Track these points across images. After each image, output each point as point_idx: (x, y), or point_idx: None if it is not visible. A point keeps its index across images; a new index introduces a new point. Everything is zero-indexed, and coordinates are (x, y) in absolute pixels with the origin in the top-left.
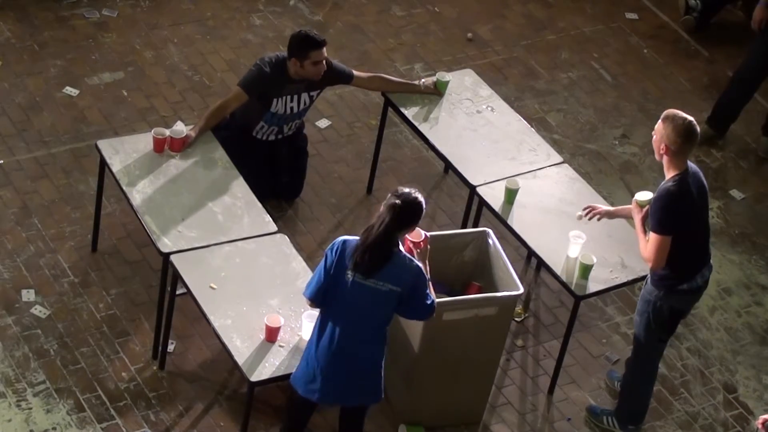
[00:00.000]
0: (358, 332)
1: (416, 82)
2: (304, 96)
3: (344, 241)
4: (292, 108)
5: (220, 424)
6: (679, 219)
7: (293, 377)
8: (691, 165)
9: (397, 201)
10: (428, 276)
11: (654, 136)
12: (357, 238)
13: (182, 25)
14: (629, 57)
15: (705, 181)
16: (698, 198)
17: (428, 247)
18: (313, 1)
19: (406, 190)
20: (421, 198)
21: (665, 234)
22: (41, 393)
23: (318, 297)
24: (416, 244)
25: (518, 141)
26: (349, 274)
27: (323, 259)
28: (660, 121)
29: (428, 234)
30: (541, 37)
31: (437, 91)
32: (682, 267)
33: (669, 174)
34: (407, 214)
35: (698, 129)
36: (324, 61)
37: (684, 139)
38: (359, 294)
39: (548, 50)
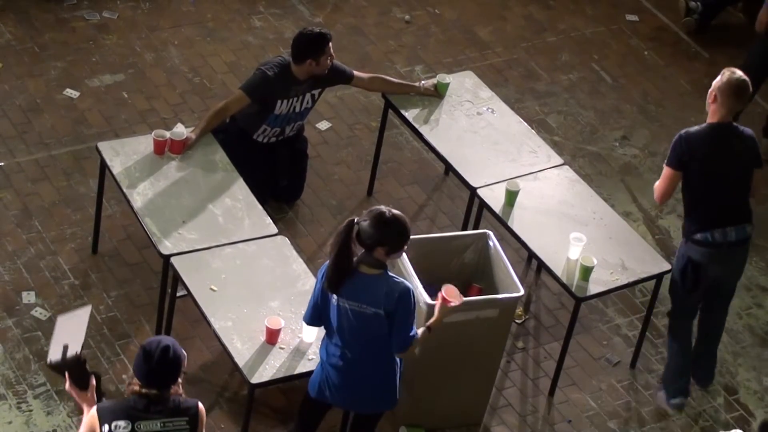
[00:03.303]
0: (363, 349)
1: (416, 84)
2: (308, 96)
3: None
4: (295, 108)
5: (220, 426)
6: (682, 157)
7: (309, 381)
8: (740, 127)
9: (354, 218)
10: (430, 325)
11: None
12: None
13: (182, 27)
14: (629, 59)
15: (750, 146)
16: (716, 150)
17: (453, 306)
18: (313, 3)
19: (376, 210)
20: (384, 217)
21: (669, 167)
22: (42, 395)
23: (314, 321)
24: (445, 300)
25: (519, 143)
26: (334, 298)
27: (315, 283)
28: (721, 73)
29: (463, 299)
30: (541, 39)
31: (437, 93)
32: (696, 216)
33: (707, 120)
34: (370, 234)
35: (746, 91)
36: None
37: (727, 93)
38: (347, 317)
39: (548, 52)
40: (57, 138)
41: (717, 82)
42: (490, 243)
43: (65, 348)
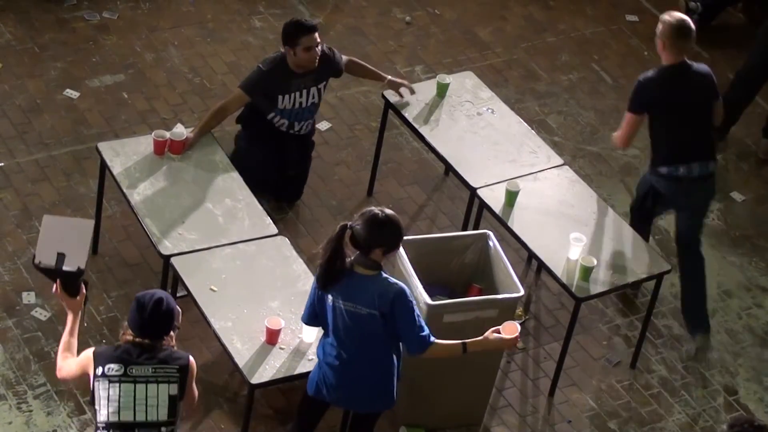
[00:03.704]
0: (359, 349)
1: (385, 75)
2: (313, 90)
3: None
4: (300, 103)
5: (220, 426)
6: (643, 100)
7: (307, 380)
8: (695, 63)
9: (348, 223)
10: (467, 346)
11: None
12: None
13: (182, 28)
14: (629, 59)
15: (706, 81)
16: (674, 89)
17: (509, 341)
18: (313, 4)
19: (368, 212)
20: (377, 218)
21: (632, 111)
22: (42, 395)
23: (311, 320)
24: (497, 331)
25: (519, 143)
26: (329, 298)
27: (313, 283)
28: (659, 21)
29: (517, 336)
30: (541, 39)
31: (399, 93)
32: (661, 152)
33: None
34: (363, 237)
35: (689, 28)
36: (317, 47)
37: (671, 35)
38: (343, 317)
39: (548, 52)
40: (57, 138)
41: (658, 30)
42: (490, 243)
43: (61, 255)
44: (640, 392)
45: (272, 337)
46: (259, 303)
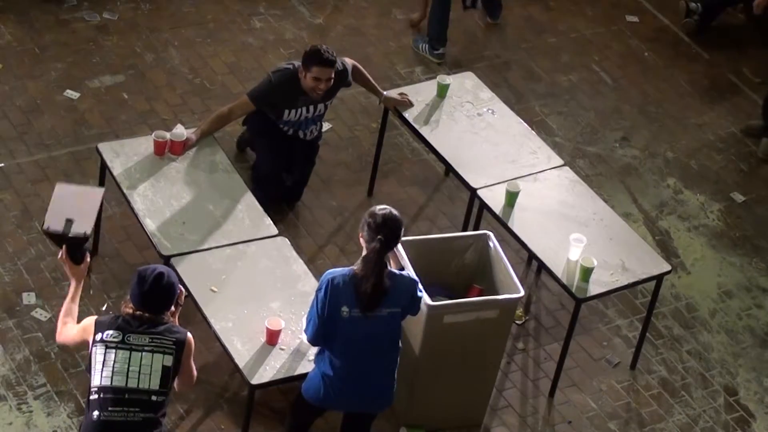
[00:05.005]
0: (374, 354)
1: (381, 92)
2: (320, 106)
3: (331, 279)
4: (306, 117)
5: (220, 427)
6: None
7: (305, 388)
8: None
9: (381, 237)
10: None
11: None
12: (342, 270)
13: (183, 28)
14: (630, 60)
15: None
16: None
17: None
18: (314, 4)
19: (382, 216)
20: (396, 218)
21: None
22: (42, 396)
23: (319, 340)
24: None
25: (519, 144)
26: (345, 311)
27: (314, 301)
28: None
29: None
30: (541, 40)
31: (395, 110)
32: None
33: None
34: (392, 243)
35: None
36: (324, 83)
37: None
38: (360, 326)
39: (549, 53)
40: (57, 139)
41: None
42: (491, 244)
43: (69, 221)
44: (641, 393)
45: (272, 337)
46: (260, 303)
